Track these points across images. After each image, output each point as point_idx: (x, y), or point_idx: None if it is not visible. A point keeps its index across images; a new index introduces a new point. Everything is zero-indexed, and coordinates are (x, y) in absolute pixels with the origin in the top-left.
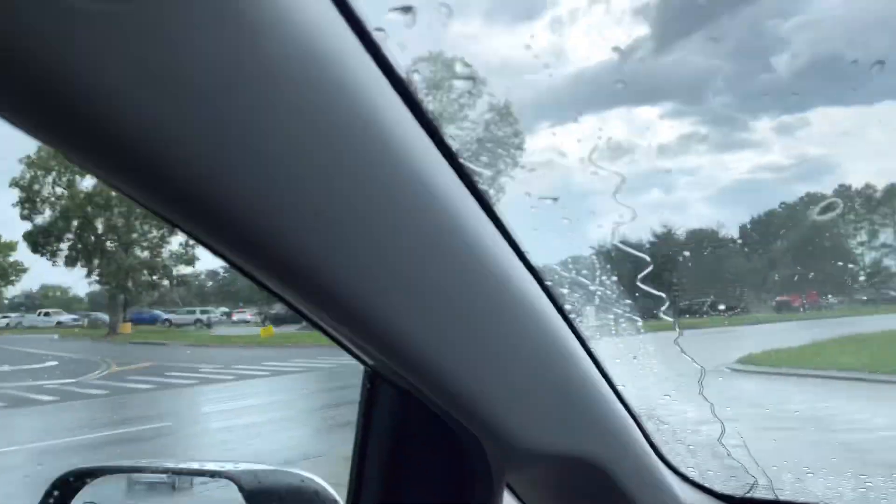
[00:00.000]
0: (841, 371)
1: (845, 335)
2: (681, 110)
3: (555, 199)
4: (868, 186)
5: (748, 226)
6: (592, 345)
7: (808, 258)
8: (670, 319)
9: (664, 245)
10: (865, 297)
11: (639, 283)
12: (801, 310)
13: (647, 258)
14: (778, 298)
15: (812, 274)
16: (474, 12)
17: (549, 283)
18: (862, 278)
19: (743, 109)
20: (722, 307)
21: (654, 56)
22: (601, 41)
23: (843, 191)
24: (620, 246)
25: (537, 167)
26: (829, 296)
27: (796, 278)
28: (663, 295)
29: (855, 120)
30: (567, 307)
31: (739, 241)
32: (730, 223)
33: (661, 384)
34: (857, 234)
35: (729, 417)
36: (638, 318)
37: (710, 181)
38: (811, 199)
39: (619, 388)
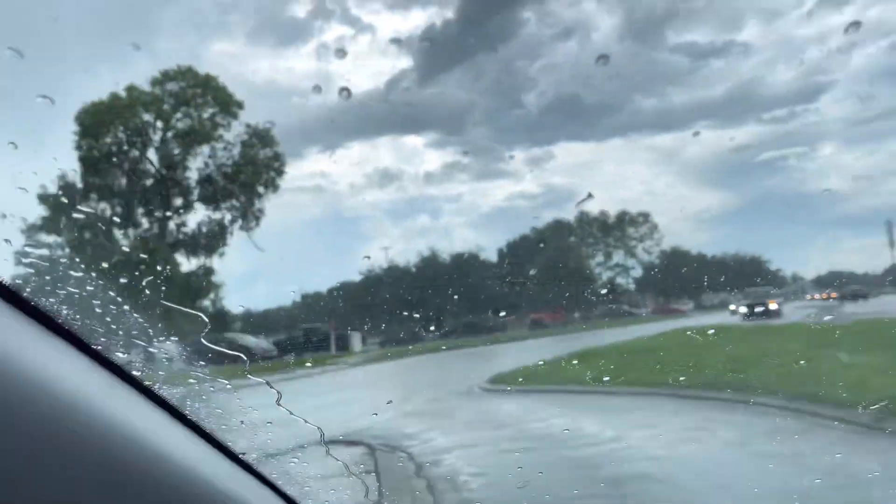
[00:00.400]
0: (577, 385)
1: (584, 349)
2: (444, 140)
3: None
4: (602, 213)
5: (504, 249)
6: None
7: (556, 278)
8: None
9: (427, 269)
10: (602, 313)
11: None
12: (551, 326)
13: None
14: (532, 316)
15: (556, 293)
16: (238, 32)
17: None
18: (594, 297)
19: (499, 141)
20: (483, 325)
21: (418, 87)
22: (368, 70)
23: (583, 216)
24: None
25: (306, 192)
26: (575, 312)
27: (550, 296)
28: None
29: (591, 154)
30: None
31: (498, 263)
32: (490, 247)
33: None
34: (595, 255)
35: (474, 442)
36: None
37: (471, 207)
38: (558, 225)
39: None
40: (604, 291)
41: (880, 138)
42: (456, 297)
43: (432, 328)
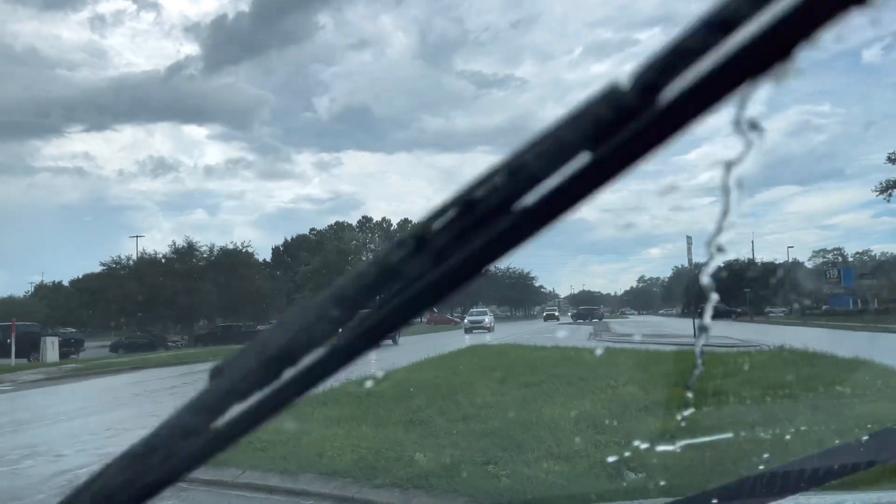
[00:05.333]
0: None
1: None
2: (229, 134)
3: None
4: (385, 220)
5: (280, 248)
6: None
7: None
8: None
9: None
10: None
11: None
12: None
13: None
14: None
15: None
16: None
17: None
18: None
19: (287, 142)
20: (241, 332)
21: (203, 76)
22: (148, 50)
23: (366, 222)
24: None
25: (65, 173)
26: None
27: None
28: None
29: (378, 164)
30: None
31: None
32: (265, 247)
33: None
34: None
35: None
36: None
37: (254, 206)
38: (339, 227)
39: None
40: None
41: (625, 178)
42: (215, 297)
43: (176, 334)
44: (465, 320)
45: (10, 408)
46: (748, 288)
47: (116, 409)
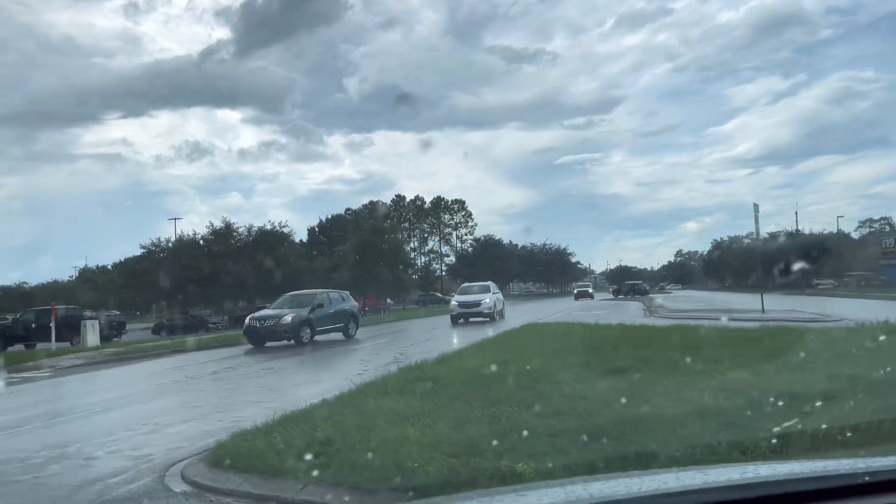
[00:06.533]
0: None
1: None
2: (261, 117)
3: None
4: (418, 198)
5: (316, 228)
6: None
7: (370, 262)
8: None
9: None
10: (416, 299)
11: None
12: (363, 313)
13: None
14: None
15: (369, 277)
16: None
17: None
18: (407, 283)
19: (319, 124)
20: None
21: (235, 60)
22: (181, 36)
23: (399, 201)
24: None
25: (103, 159)
26: (388, 299)
27: (361, 279)
28: None
29: (410, 144)
30: None
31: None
32: (300, 229)
33: None
34: (411, 240)
35: None
36: None
37: (287, 188)
38: (373, 206)
39: None
40: (416, 277)
41: (659, 151)
42: (254, 277)
43: (216, 315)
44: (452, 301)
45: (45, 397)
46: (802, 261)
47: (155, 398)
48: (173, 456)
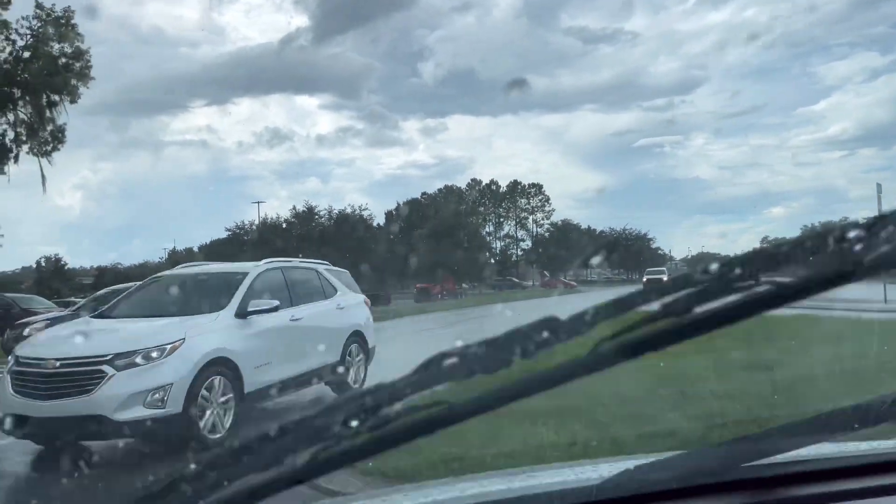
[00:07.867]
0: None
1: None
2: (338, 103)
3: None
4: (493, 182)
5: (394, 212)
6: None
7: (447, 247)
8: None
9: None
10: (493, 284)
11: None
12: (440, 297)
13: None
14: (418, 286)
15: (445, 261)
16: None
17: None
18: (483, 267)
19: (394, 110)
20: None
21: (313, 47)
22: (262, 24)
23: (475, 185)
24: None
25: (190, 146)
26: (465, 284)
27: (438, 263)
28: None
29: (484, 129)
30: None
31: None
32: (376, 213)
33: None
34: (486, 224)
35: None
36: None
37: (364, 173)
38: (449, 191)
39: None
40: (494, 262)
41: (744, 132)
42: (335, 260)
43: None
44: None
45: None
46: None
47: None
48: None
